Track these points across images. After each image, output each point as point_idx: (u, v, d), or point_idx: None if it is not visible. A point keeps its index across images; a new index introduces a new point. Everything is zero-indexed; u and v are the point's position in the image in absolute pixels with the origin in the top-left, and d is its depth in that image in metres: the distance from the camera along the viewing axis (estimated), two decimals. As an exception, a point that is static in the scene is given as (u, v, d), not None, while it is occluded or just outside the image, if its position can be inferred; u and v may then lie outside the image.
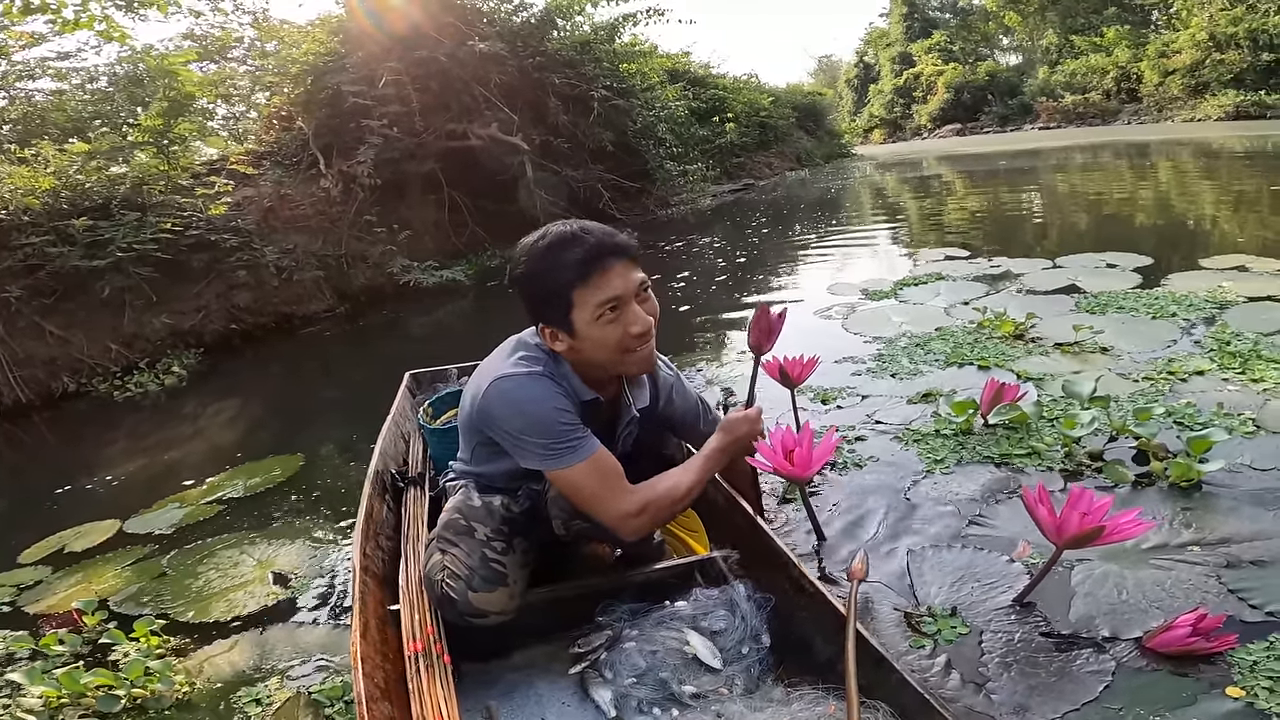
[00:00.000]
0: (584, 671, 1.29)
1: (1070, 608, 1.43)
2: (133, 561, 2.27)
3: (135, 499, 2.80)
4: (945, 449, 2.17)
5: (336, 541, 2.22)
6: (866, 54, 42.75)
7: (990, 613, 1.45)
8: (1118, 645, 1.32)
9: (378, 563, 1.48)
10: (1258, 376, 2.43)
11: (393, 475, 1.81)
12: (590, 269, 1.17)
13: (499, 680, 1.33)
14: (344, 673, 1.57)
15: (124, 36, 6.49)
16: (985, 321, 3.38)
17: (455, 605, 1.23)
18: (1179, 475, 1.81)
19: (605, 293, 1.18)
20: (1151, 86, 24.84)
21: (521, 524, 1.33)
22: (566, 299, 1.18)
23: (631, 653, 1.25)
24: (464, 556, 1.26)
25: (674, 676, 1.21)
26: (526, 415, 1.21)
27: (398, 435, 2.07)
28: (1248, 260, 4.03)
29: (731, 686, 1.21)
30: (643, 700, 1.20)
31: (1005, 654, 1.33)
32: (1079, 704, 1.19)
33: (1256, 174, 8.77)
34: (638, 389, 1.43)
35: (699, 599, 1.33)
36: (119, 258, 5.31)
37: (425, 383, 2.52)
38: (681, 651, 1.24)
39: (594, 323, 1.19)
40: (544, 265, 1.19)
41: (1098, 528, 1.24)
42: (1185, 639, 1.22)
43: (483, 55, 7.59)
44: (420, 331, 5.96)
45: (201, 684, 1.59)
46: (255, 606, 1.90)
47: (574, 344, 1.23)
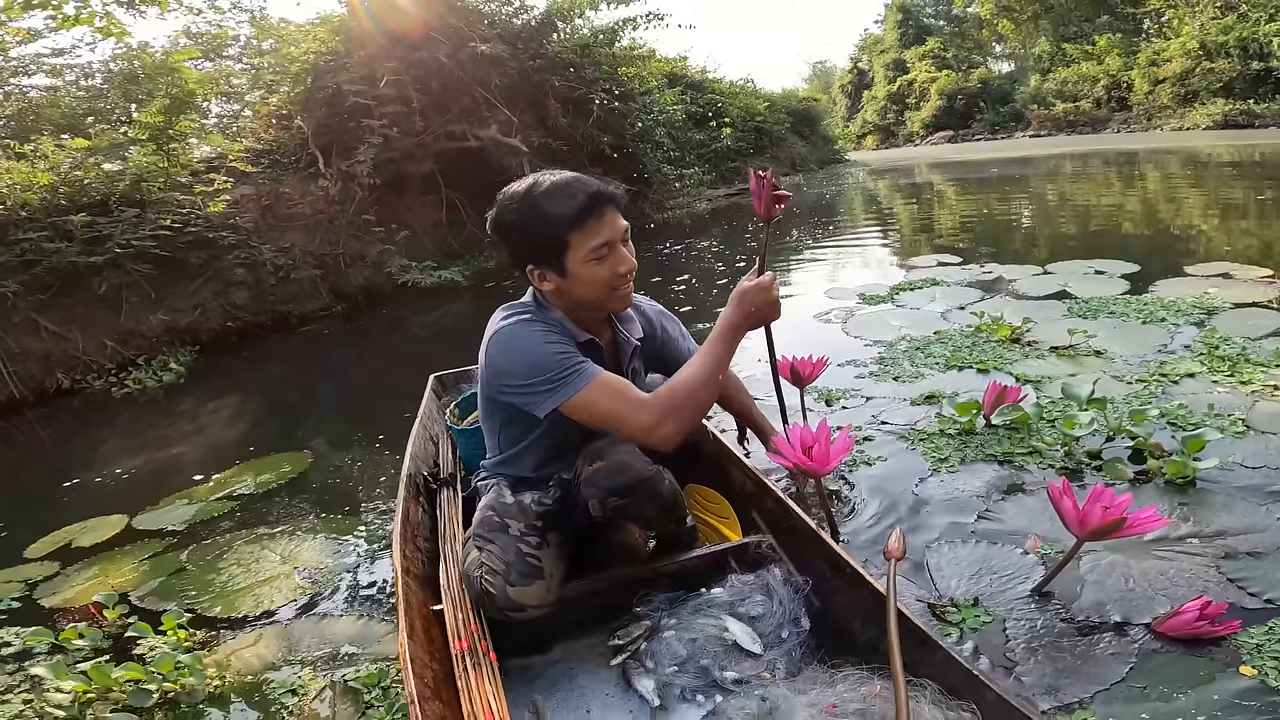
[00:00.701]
0: (625, 662, 1.31)
1: (1081, 596, 1.49)
2: (149, 556, 2.27)
3: (141, 495, 2.80)
4: (950, 448, 2.22)
5: (357, 536, 2.24)
6: (861, 60, 43.08)
7: (1011, 602, 1.50)
8: (1132, 630, 1.39)
9: (418, 564, 1.50)
10: (1246, 379, 2.52)
11: (425, 478, 1.82)
12: (587, 215, 1.25)
13: (543, 674, 1.35)
14: (377, 661, 1.59)
15: (123, 33, 6.47)
16: (983, 326, 3.45)
17: (494, 601, 1.25)
18: (1175, 472, 1.88)
19: (599, 237, 1.27)
20: (1141, 95, 25.10)
21: (554, 518, 1.36)
22: (562, 241, 1.26)
23: (671, 641, 1.27)
24: (500, 552, 1.28)
25: (715, 663, 1.23)
26: (526, 355, 1.27)
27: (426, 438, 2.08)
28: (1231, 268, 4.14)
29: (774, 670, 1.22)
30: (685, 688, 1.22)
31: (1030, 640, 1.39)
32: (1108, 684, 1.26)
33: (1243, 183, 8.92)
34: (629, 325, 1.51)
35: (735, 585, 1.35)
36: (117, 254, 5.31)
37: (450, 384, 2.54)
38: (721, 638, 1.26)
39: (586, 264, 1.28)
40: (543, 210, 1.27)
41: (1119, 519, 1.30)
42: (1193, 623, 1.29)
43: (484, 57, 7.61)
44: (419, 332, 5.97)
45: (232, 677, 1.60)
46: (282, 600, 1.92)
47: (562, 284, 1.31)
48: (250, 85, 8.76)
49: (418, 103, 7.50)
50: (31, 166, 5.52)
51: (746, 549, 1.46)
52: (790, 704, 1.11)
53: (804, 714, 1.08)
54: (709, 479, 1.80)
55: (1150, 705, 1.21)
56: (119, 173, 5.79)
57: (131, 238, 5.39)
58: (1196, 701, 1.21)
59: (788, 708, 1.10)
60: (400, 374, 4.41)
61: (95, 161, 5.80)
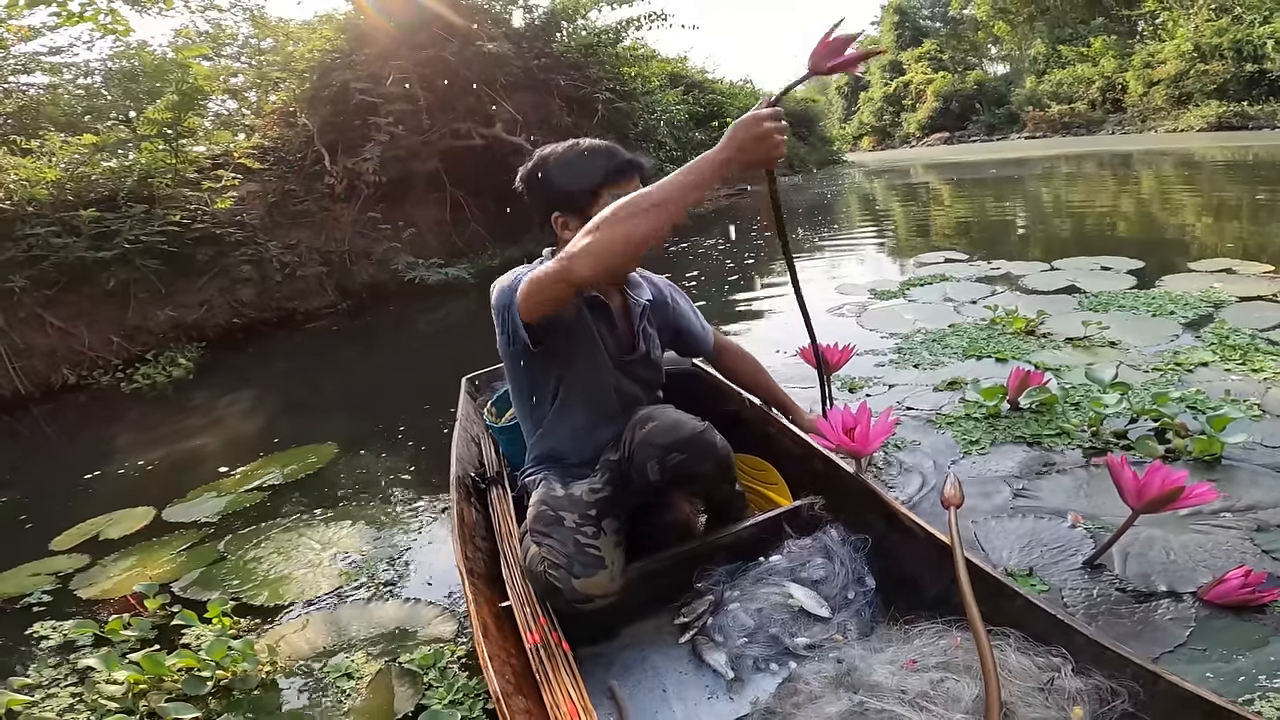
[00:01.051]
0: (694, 639, 1.31)
1: (1127, 567, 1.53)
2: (186, 547, 2.27)
3: (164, 488, 2.80)
4: (978, 431, 2.26)
5: (394, 523, 2.26)
6: (856, 61, 43.21)
7: (1065, 573, 1.54)
8: (1182, 598, 1.43)
9: (479, 564, 1.50)
10: (1258, 367, 2.58)
11: (472, 478, 1.82)
12: (619, 174, 1.39)
13: (615, 660, 1.36)
14: (429, 643, 1.60)
15: (127, 30, 6.46)
16: (997, 318, 3.49)
17: (561, 593, 1.25)
18: (1201, 450, 1.93)
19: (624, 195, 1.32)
20: (1136, 97, 25.17)
21: (607, 504, 1.36)
22: (593, 192, 1.38)
23: (737, 613, 1.27)
24: (559, 546, 1.29)
25: (784, 630, 1.23)
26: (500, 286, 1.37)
27: (468, 439, 2.08)
28: (1234, 264, 4.20)
29: (845, 632, 1.22)
30: (758, 658, 1.22)
31: (1088, 607, 1.43)
32: (1172, 646, 1.31)
33: (1238, 184, 9.02)
34: (636, 289, 1.58)
35: (792, 550, 1.34)
36: (126, 250, 5.30)
37: (483, 385, 2.53)
38: (786, 605, 1.25)
39: None
40: (581, 162, 1.39)
41: (1176, 490, 1.33)
42: (1238, 591, 1.33)
43: (490, 55, 7.63)
44: (426, 329, 5.97)
45: (284, 663, 1.60)
46: (326, 587, 1.92)
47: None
48: (251, 83, 8.76)
49: (424, 101, 7.50)
50: (37, 162, 5.50)
51: (799, 513, 1.45)
52: (868, 663, 1.09)
53: (884, 671, 1.06)
54: (752, 447, 1.80)
55: (1213, 665, 1.26)
56: (127, 168, 5.79)
57: (140, 233, 5.38)
58: (1255, 662, 1.25)
59: (866, 667, 1.08)
60: (411, 370, 4.43)
61: (102, 158, 5.79)
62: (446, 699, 1.41)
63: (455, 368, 4.16)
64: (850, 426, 1.51)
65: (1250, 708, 1.16)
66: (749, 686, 1.22)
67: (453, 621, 1.70)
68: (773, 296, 4.93)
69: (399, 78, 7.38)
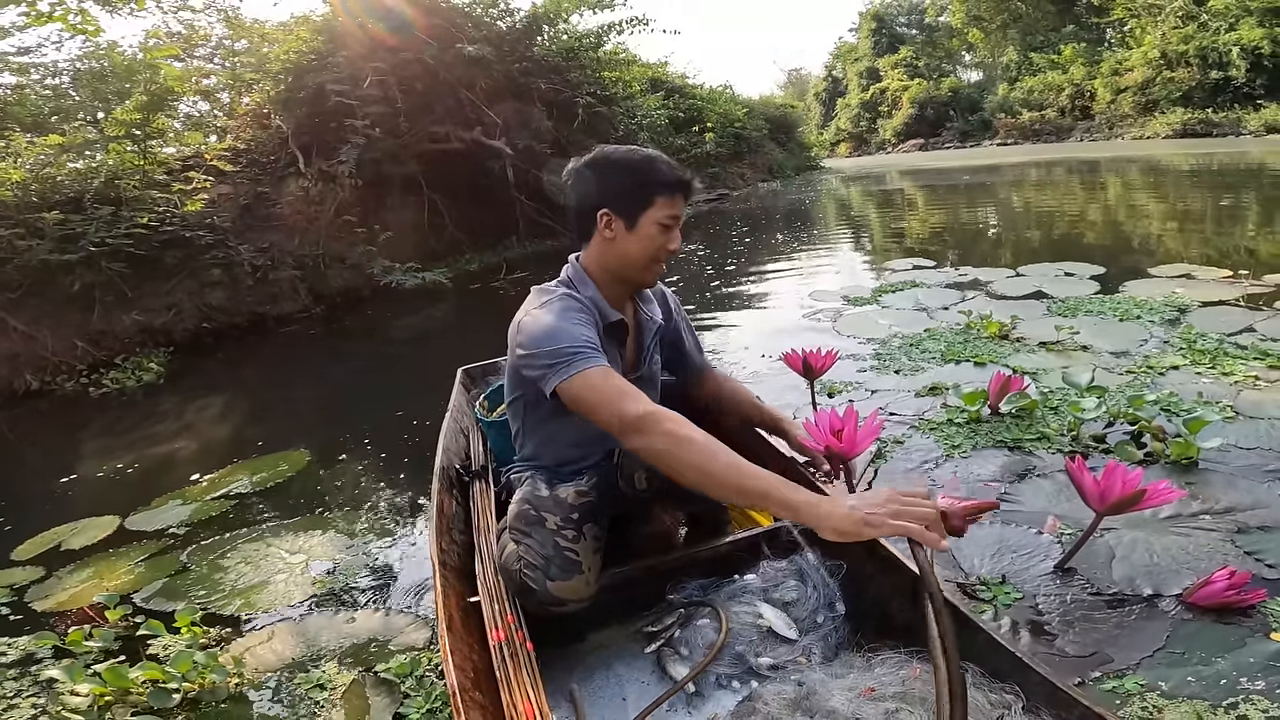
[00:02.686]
0: (660, 650, 1.30)
1: (1112, 570, 1.54)
2: (146, 557, 2.21)
3: (130, 496, 2.73)
4: (960, 436, 2.27)
5: (366, 532, 2.21)
6: (835, 68, 43.64)
7: (1036, 579, 1.54)
8: (1164, 601, 1.44)
9: (453, 556, 1.48)
10: (1227, 370, 2.63)
11: (457, 470, 1.81)
12: (676, 188, 1.38)
13: (579, 664, 1.35)
14: (405, 652, 1.57)
15: (97, 30, 6.31)
16: (971, 323, 3.53)
17: (535, 594, 1.25)
18: (1179, 453, 1.96)
19: (674, 210, 1.39)
20: (1104, 104, 25.73)
21: (590, 509, 1.35)
22: (649, 198, 1.37)
23: (705, 629, 1.26)
24: (538, 546, 1.27)
25: (750, 649, 1.22)
26: (541, 327, 1.29)
27: (457, 430, 2.06)
28: (1193, 269, 4.32)
29: (809, 656, 1.21)
30: (721, 675, 1.22)
31: (1063, 614, 1.42)
32: (1150, 651, 1.30)
33: (1202, 191, 9.27)
34: (650, 306, 1.56)
35: (768, 571, 1.34)
36: (91, 252, 5.16)
37: (478, 377, 2.52)
38: (756, 625, 1.25)
39: (656, 224, 1.38)
40: (644, 167, 1.38)
41: (1139, 492, 1.34)
42: (1223, 593, 1.34)
43: (469, 58, 7.57)
44: (402, 334, 5.89)
45: (254, 674, 1.56)
46: (297, 596, 1.88)
47: (624, 236, 1.38)
48: (224, 84, 8.60)
49: (402, 103, 7.42)
50: (2, 163, 5.34)
51: (778, 534, 1.45)
52: (827, 688, 1.10)
53: (841, 698, 1.06)
54: None
55: (1192, 669, 1.26)
56: (94, 170, 5.65)
57: (106, 236, 5.25)
58: (1235, 664, 1.25)
59: (824, 692, 1.09)
60: (386, 376, 4.37)
61: (69, 158, 5.64)
62: (425, 707, 1.38)
63: (431, 374, 4.13)
64: (837, 428, 1.50)
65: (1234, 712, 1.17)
66: (709, 702, 1.21)
67: (428, 629, 1.68)
68: (753, 301, 4.94)
69: (376, 80, 7.30)
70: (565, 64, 8.97)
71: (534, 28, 8.86)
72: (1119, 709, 1.20)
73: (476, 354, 2.61)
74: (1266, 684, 1.21)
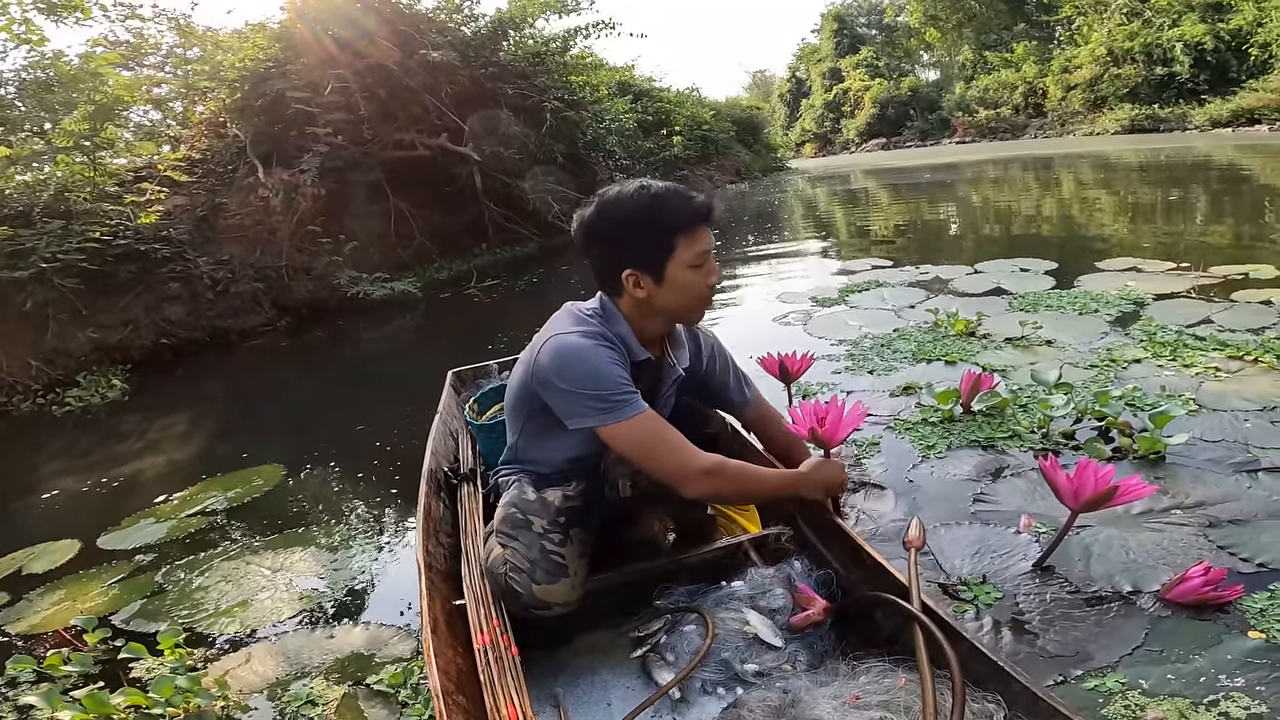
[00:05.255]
0: (645, 655, 1.30)
1: (1090, 568, 1.56)
2: (120, 578, 2.16)
3: (93, 518, 2.66)
4: (935, 435, 2.30)
5: (347, 545, 2.18)
6: (798, 69, 44.03)
7: (1016, 578, 1.56)
8: (1142, 597, 1.46)
9: (440, 559, 1.47)
10: (1189, 362, 2.70)
11: (445, 473, 1.80)
12: (696, 222, 1.28)
13: (564, 668, 1.34)
14: (396, 662, 1.56)
15: (41, 40, 6.08)
16: (939, 321, 3.57)
17: (520, 598, 1.24)
18: (1146, 448, 2.00)
19: (702, 244, 1.30)
20: (1055, 101, 26.38)
21: (577, 513, 1.34)
22: (670, 244, 1.27)
23: (691, 635, 1.26)
24: (524, 550, 1.26)
25: (736, 656, 1.23)
26: (583, 368, 1.25)
27: (446, 433, 2.05)
28: (1139, 262, 4.45)
29: (795, 663, 1.22)
30: (706, 681, 1.22)
31: (1043, 612, 1.44)
32: (1129, 649, 1.32)
33: (1150, 185, 9.59)
34: (679, 349, 1.49)
35: (755, 578, 1.34)
36: (43, 269, 4.97)
37: (469, 380, 2.52)
38: (742, 631, 1.25)
39: (686, 269, 1.29)
40: (652, 212, 1.27)
41: (1111, 489, 1.37)
42: (1200, 589, 1.36)
43: (434, 64, 7.48)
44: (372, 345, 5.80)
45: (239, 697, 1.53)
46: (281, 613, 1.85)
47: (655, 292, 1.31)
48: (176, 93, 8.35)
49: (365, 110, 7.30)
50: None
51: (766, 541, 1.46)
52: (812, 695, 1.10)
53: (826, 706, 1.07)
54: None
55: (1172, 667, 1.28)
56: (42, 183, 5.44)
57: (57, 251, 5.07)
58: (1213, 661, 1.28)
59: (810, 699, 1.09)
60: (357, 388, 4.30)
61: (16, 171, 5.43)
62: (424, 714, 1.37)
63: (403, 384, 4.07)
64: (821, 416, 1.51)
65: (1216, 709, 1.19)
66: (694, 709, 1.21)
67: (415, 640, 1.66)
68: (724, 305, 4.96)
69: (338, 86, 7.17)
70: (532, 68, 8.92)
71: (499, 33, 8.79)
72: (1101, 708, 1.21)
73: (450, 363, 2.58)
74: (1246, 681, 1.23)
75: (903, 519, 1.84)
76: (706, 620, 1.29)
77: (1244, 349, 2.73)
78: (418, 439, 2.96)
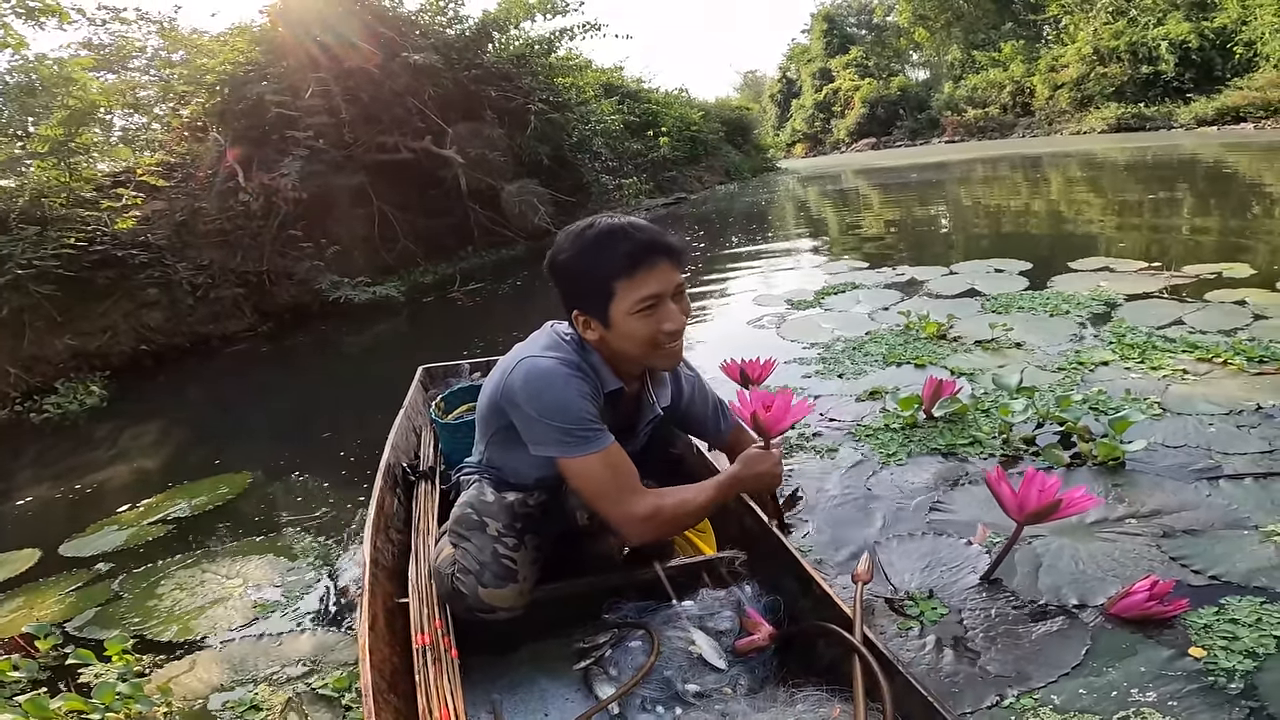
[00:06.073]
0: (588, 668, 1.29)
1: (1038, 580, 1.55)
2: (77, 586, 2.15)
3: (57, 526, 2.66)
4: (895, 443, 2.29)
5: (304, 554, 2.17)
6: (789, 69, 44.12)
7: (963, 592, 1.55)
8: (1086, 612, 1.43)
9: (388, 555, 1.46)
10: (1156, 365, 2.69)
11: (404, 469, 1.78)
12: (637, 264, 1.20)
13: (504, 675, 1.33)
14: (341, 667, 1.55)
15: (21, 44, 6.04)
16: (910, 324, 3.57)
17: (465, 600, 1.23)
18: (1105, 454, 1.99)
19: (646, 289, 1.21)
20: (1042, 100, 26.50)
21: (535, 520, 1.33)
22: (608, 290, 1.21)
23: (636, 651, 1.26)
24: (475, 551, 1.25)
25: (678, 675, 1.22)
26: (549, 397, 1.21)
27: (409, 429, 2.04)
28: (1110, 262, 4.46)
29: (735, 686, 1.21)
30: (646, 699, 1.21)
31: (987, 629, 1.43)
32: (1067, 668, 1.29)
33: (1136, 184, 9.63)
34: (660, 388, 1.45)
35: (705, 599, 1.34)
36: (18, 275, 4.93)
37: (438, 377, 2.50)
38: (687, 651, 1.25)
39: (630, 315, 1.22)
40: (591, 255, 1.21)
41: (1055, 502, 1.36)
42: (1144, 604, 1.34)
43: (416, 67, 7.45)
44: (355, 350, 5.78)
45: (182, 703, 1.52)
46: (230, 621, 1.85)
47: (606, 335, 1.25)
48: (158, 98, 8.29)
49: (346, 114, 7.27)
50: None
51: (720, 563, 1.45)
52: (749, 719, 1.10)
53: None
54: None
55: (1108, 687, 1.25)
56: (17, 188, 5.39)
57: (33, 257, 5.03)
58: (1153, 679, 1.25)
59: None
60: (336, 394, 4.27)
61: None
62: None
63: (384, 390, 4.01)
64: (768, 403, 1.42)
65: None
66: None
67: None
68: (703, 310, 4.95)
69: (319, 90, 7.13)
70: (517, 71, 8.90)
71: (484, 35, 8.77)
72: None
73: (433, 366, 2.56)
74: (1181, 704, 1.20)
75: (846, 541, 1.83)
76: (653, 637, 1.28)
77: (1214, 351, 2.72)
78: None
